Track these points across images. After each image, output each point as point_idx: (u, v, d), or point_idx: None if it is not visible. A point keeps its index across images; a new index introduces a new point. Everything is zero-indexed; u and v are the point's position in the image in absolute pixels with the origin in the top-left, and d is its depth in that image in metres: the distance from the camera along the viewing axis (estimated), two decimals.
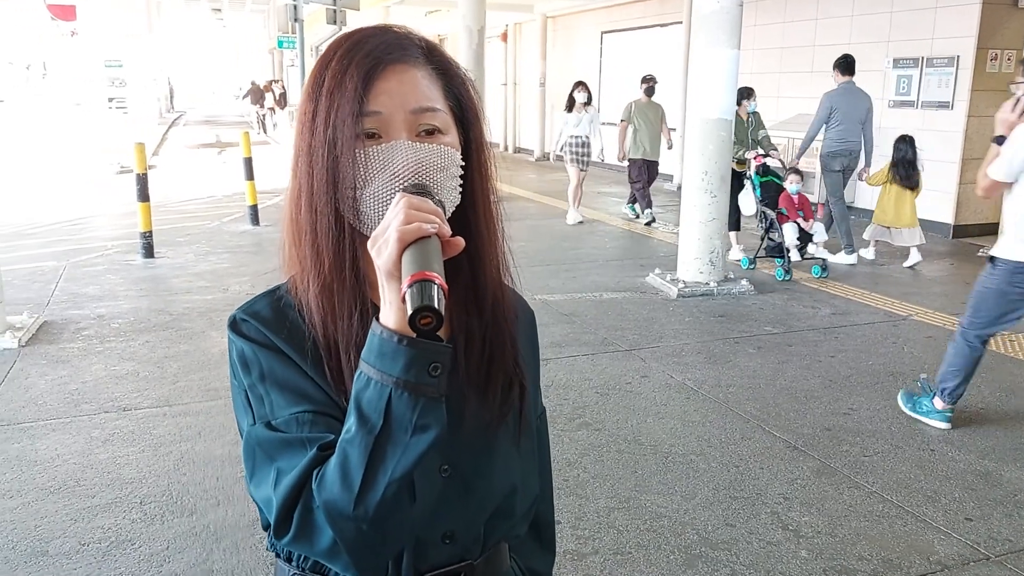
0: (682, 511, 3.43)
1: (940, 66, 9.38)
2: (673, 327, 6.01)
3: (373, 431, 0.87)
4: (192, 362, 5.16)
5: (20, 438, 4.06)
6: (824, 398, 4.67)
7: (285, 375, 0.99)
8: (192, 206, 11.59)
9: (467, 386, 1.05)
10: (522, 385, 1.10)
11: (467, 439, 1.04)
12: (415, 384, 0.86)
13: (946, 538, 3.25)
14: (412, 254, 0.85)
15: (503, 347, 1.09)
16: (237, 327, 1.03)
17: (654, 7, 14.88)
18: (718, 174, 6.86)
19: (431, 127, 0.99)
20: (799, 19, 11.45)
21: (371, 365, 0.88)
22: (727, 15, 6.64)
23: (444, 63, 1.04)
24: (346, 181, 0.96)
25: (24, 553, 3.07)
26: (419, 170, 0.96)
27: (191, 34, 49.19)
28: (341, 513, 0.88)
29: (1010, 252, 3.96)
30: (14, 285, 6.69)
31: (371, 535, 0.89)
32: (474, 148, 1.05)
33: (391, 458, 0.87)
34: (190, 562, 3.04)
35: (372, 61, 0.97)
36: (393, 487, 0.87)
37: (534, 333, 1.24)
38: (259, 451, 0.97)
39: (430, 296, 0.82)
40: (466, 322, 1.06)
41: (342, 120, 0.96)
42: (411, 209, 0.87)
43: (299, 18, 12.29)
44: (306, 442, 0.93)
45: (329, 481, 0.89)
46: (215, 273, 7.50)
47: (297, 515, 0.91)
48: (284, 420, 0.96)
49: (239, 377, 1.02)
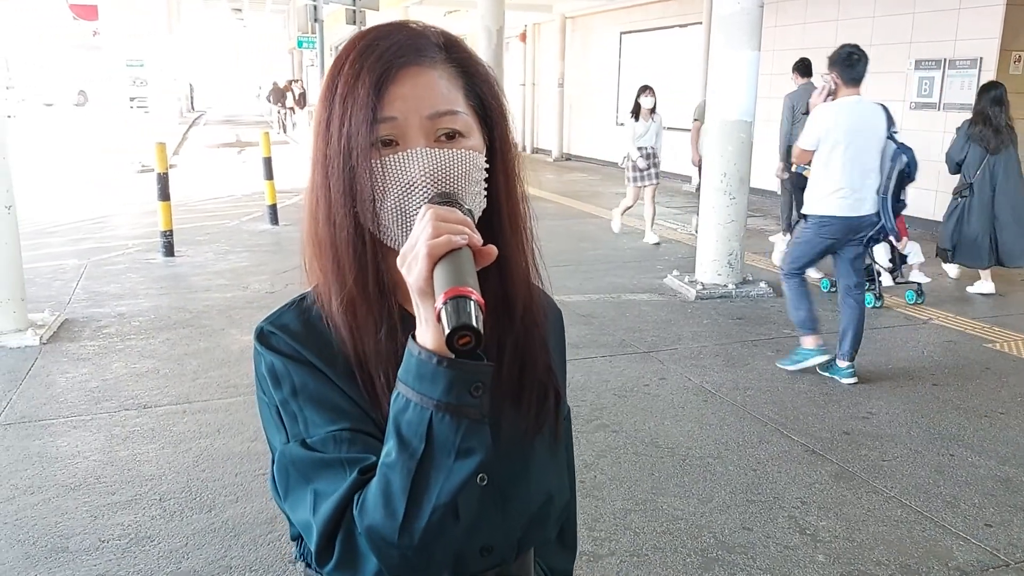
0: (699, 514, 3.42)
1: (963, 68, 9.31)
2: (691, 329, 6.00)
3: (415, 456, 0.84)
4: (212, 359, 5.19)
5: (41, 435, 4.10)
6: (843, 402, 4.64)
7: (319, 390, 0.95)
8: (212, 205, 11.66)
9: (501, 395, 1.01)
10: (557, 392, 1.08)
11: (503, 449, 1.00)
12: (457, 406, 0.83)
13: (965, 544, 3.22)
14: (444, 269, 0.81)
15: (535, 354, 1.05)
16: (265, 340, 0.99)
17: (673, 8, 14.84)
18: (737, 176, 6.83)
19: (451, 131, 0.94)
20: (820, 20, 11.39)
21: (409, 387, 0.85)
22: (747, 16, 6.62)
23: (465, 60, 0.99)
24: (364, 192, 0.93)
25: (45, 549, 3.10)
26: (439, 178, 0.92)
27: (211, 34, 49.49)
28: (385, 540, 0.85)
29: (815, 209, 4.87)
30: (36, 283, 6.76)
31: (416, 560, 0.86)
32: (499, 148, 1.00)
33: (435, 483, 0.84)
34: (208, 558, 3.06)
35: (384, 65, 0.93)
36: (439, 512, 0.84)
37: (562, 333, 1.21)
38: (293, 471, 0.93)
39: (467, 314, 0.78)
40: (497, 330, 1.02)
41: (356, 128, 0.92)
42: (438, 221, 0.83)
43: (319, 18, 12.35)
44: (345, 463, 0.90)
45: (371, 507, 0.86)
46: (234, 271, 7.55)
47: (339, 542, 0.88)
48: (320, 439, 0.92)
49: (269, 392, 0.98)
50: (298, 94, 27.91)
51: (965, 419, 4.42)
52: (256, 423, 4.21)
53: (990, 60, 9.02)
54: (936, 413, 4.50)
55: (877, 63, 9.41)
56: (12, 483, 3.61)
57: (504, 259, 0.98)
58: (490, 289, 0.98)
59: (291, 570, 3.00)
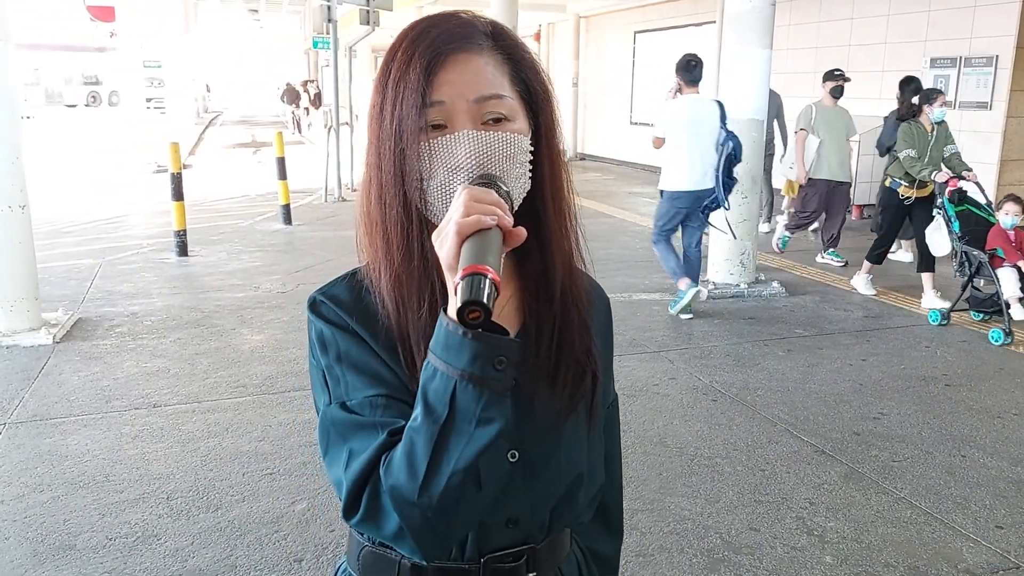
0: (706, 514, 3.40)
1: (979, 66, 9.23)
2: (702, 329, 5.97)
3: (438, 421, 0.88)
4: (222, 359, 5.21)
5: (52, 433, 4.13)
6: (854, 402, 4.61)
7: (361, 358, 1.01)
8: (226, 205, 11.72)
9: (537, 374, 1.05)
10: (595, 375, 1.10)
11: (536, 427, 1.05)
12: (480, 377, 0.87)
13: (975, 546, 3.19)
14: (469, 247, 0.85)
15: (573, 335, 1.08)
16: (316, 308, 1.05)
17: (687, 6, 14.79)
18: (749, 175, 6.79)
19: (497, 115, 0.98)
20: (834, 18, 11.32)
21: (438, 356, 0.89)
22: (759, 14, 6.59)
23: (511, 48, 1.03)
24: (413, 173, 0.97)
25: (53, 546, 3.12)
26: (484, 160, 0.96)
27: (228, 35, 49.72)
28: (406, 500, 0.90)
29: (666, 185, 6.17)
30: (50, 282, 6.81)
31: (436, 522, 0.91)
32: (544, 132, 1.04)
33: (455, 448, 0.88)
34: (214, 557, 3.07)
35: (434, 51, 0.97)
36: (457, 477, 0.88)
37: (609, 321, 1.24)
38: (333, 431, 0.99)
39: (479, 290, 0.82)
40: (536, 309, 1.06)
41: (407, 112, 0.97)
42: (471, 201, 0.88)
43: (333, 18, 12.33)
44: (378, 426, 0.96)
45: (396, 468, 0.90)
46: (247, 271, 7.58)
47: (365, 498, 0.93)
48: (359, 402, 0.99)
49: (317, 357, 1.04)
50: (313, 94, 28.01)
51: (978, 420, 4.38)
52: (263, 423, 4.25)
53: (1006, 58, 8.93)
54: (948, 414, 4.46)
55: (892, 61, 9.38)
56: (22, 481, 3.64)
57: (546, 241, 1.04)
58: (531, 268, 1.06)
59: (296, 569, 3.01)
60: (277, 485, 3.61)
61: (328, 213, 10.98)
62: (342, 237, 9.38)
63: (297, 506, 3.43)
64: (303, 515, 3.36)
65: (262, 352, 5.35)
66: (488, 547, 1.06)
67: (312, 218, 10.51)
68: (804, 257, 8.31)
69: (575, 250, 1.10)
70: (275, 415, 4.34)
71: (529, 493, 1.05)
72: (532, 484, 1.05)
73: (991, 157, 9.18)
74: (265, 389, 4.72)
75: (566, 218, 1.08)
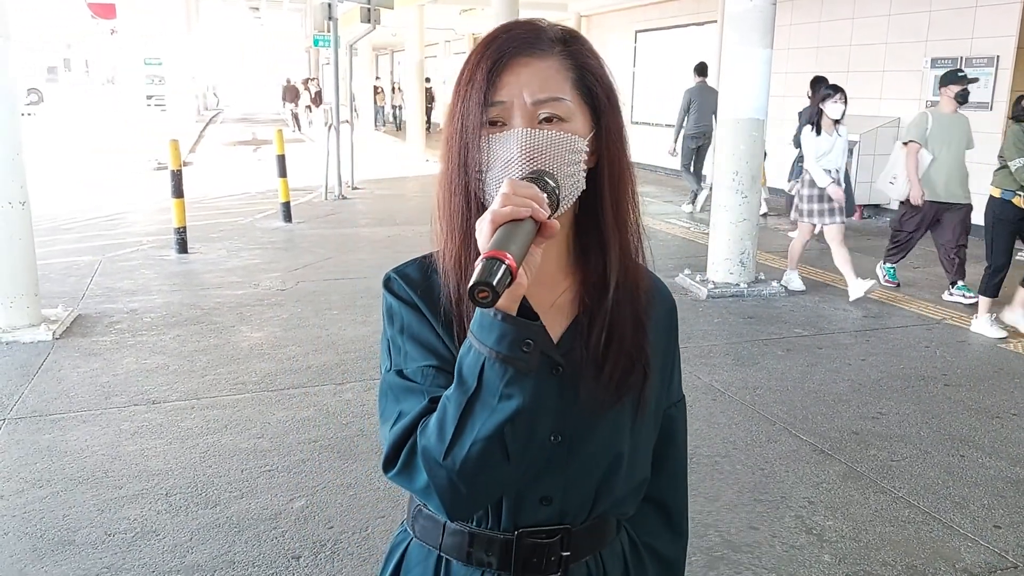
0: (705, 512, 3.40)
1: (979, 66, 9.22)
2: (701, 328, 5.97)
3: (468, 392, 0.96)
4: (221, 356, 5.21)
5: (51, 429, 4.13)
6: (853, 402, 4.61)
7: (420, 331, 1.11)
8: (226, 202, 11.71)
9: (587, 363, 1.11)
10: (644, 370, 1.14)
11: (580, 413, 1.11)
12: (507, 356, 0.94)
13: (973, 545, 3.19)
14: (498, 234, 0.91)
15: (625, 330, 1.13)
16: (388, 284, 1.15)
17: (689, 6, 14.79)
18: (749, 174, 6.80)
19: (551, 115, 1.05)
20: (835, 18, 11.32)
21: (473, 334, 0.97)
22: (760, 14, 6.58)
23: (578, 54, 1.10)
24: (473, 165, 1.06)
25: (52, 542, 3.12)
26: (535, 155, 1.03)
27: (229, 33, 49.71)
28: (434, 460, 0.98)
29: None
30: (50, 279, 6.81)
31: (458, 484, 0.98)
32: (606, 135, 1.10)
33: (479, 418, 0.96)
34: (212, 553, 3.07)
35: (498, 54, 1.06)
36: (479, 445, 0.96)
37: (673, 322, 1.27)
38: (390, 393, 1.09)
39: (491, 272, 0.87)
40: (590, 303, 1.13)
41: (471, 110, 1.05)
42: (509, 193, 0.94)
43: (333, 16, 12.33)
44: (424, 392, 1.05)
45: (429, 430, 1.00)
46: (246, 269, 7.58)
47: (403, 454, 1.03)
48: (413, 370, 1.09)
49: (385, 327, 1.15)
50: (314, 92, 28.01)
51: (976, 420, 4.38)
52: (262, 420, 4.25)
53: (1007, 58, 8.93)
54: (947, 414, 4.46)
55: (893, 61, 9.38)
56: (22, 476, 3.64)
57: (605, 239, 1.12)
58: (591, 264, 1.14)
59: (293, 566, 3.01)
60: (276, 482, 3.61)
61: (328, 211, 10.98)
62: (342, 235, 9.38)
63: (295, 503, 3.43)
64: (301, 512, 3.36)
65: (261, 349, 5.35)
66: (523, 521, 1.12)
67: (312, 216, 10.51)
68: (805, 257, 8.31)
69: (635, 249, 1.17)
70: (274, 412, 4.34)
71: (563, 474, 1.12)
72: (567, 465, 1.11)
73: (991, 158, 9.17)
74: (264, 386, 4.72)
75: (628, 218, 1.15)
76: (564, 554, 1.14)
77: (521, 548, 1.12)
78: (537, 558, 1.13)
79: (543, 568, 1.14)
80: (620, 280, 1.13)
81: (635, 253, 1.17)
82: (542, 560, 1.13)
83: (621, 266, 1.14)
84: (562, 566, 1.14)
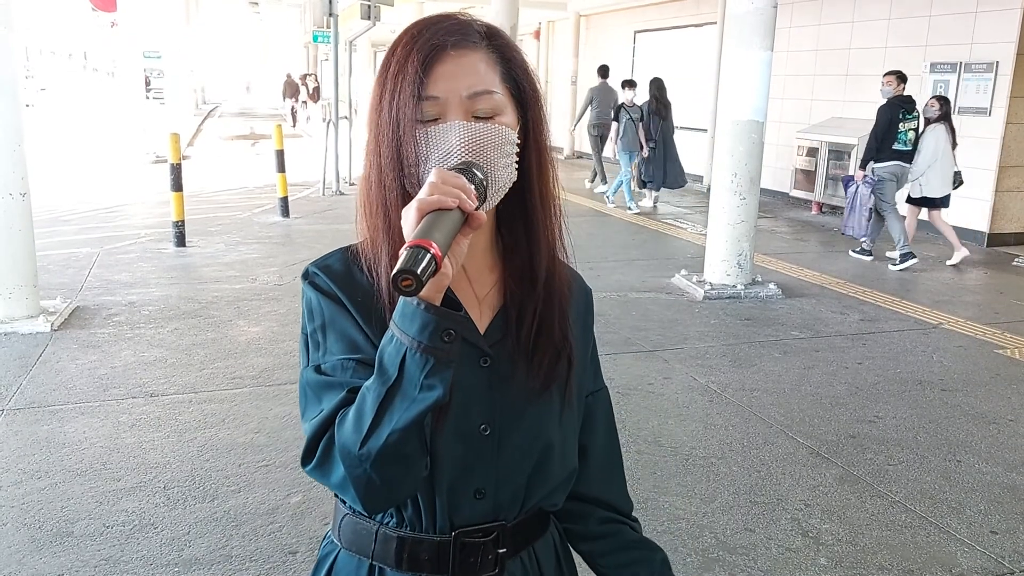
0: (701, 514, 3.41)
1: (979, 71, 9.24)
2: (698, 329, 5.98)
3: (387, 382, 0.94)
4: (219, 350, 5.21)
5: (49, 420, 4.12)
6: (850, 405, 4.62)
7: (342, 325, 1.08)
8: (224, 196, 11.70)
9: (516, 354, 1.12)
10: (570, 359, 1.16)
11: (510, 403, 1.12)
12: (428, 346, 0.92)
13: (970, 551, 3.21)
14: (423, 223, 0.90)
15: (552, 320, 1.14)
16: (309, 277, 1.13)
17: (688, 7, 14.79)
18: (747, 176, 6.81)
19: (487, 109, 1.04)
20: (835, 21, 11.33)
21: (396, 324, 0.94)
22: (761, 16, 6.59)
23: (503, 47, 1.09)
24: (409, 159, 1.04)
25: (50, 533, 3.12)
26: (471, 148, 1.02)
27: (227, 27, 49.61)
28: (349, 452, 0.96)
29: None
30: (49, 270, 6.80)
31: (373, 475, 0.96)
32: (532, 128, 1.11)
33: (398, 409, 0.93)
34: (210, 547, 3.07)
35: (431, 47, 1.04)
36: (395, 435, 0.94)
37: (589, 311, 1.28)
38: (309, 391, 1.07)
39: (415, 261, 0.86)
40: (519, 295, 1.13)
41: (404, 103, 1.03)
42: (436, 182, 0.93)
43: (334, 12, 12.30)
44: (344, 386, 1.02)
45: (347, 421, 0.97)
46: (244, 263, 7.57)
47: (320, 448, 1.00)
48: (331, 365, 1.06)
49: (304, 323, 1.12)
50: (312, 88, 27.96)
51: (973, 425, 4.40)
52: (259, 415, 4.24)
53: (1007, 64, 8.95)
54: (944, 419, 4.47)
55: (892, 65, 9.39)
56: (20, 467, 3.64)
57: (532, 231, 1.12)
58: (518, 255, 1.14)
59: (290, 561, 3.02)
60: (272, 477, 3.61)
61: (326, 207, 10.97)
62: (339, 231, 9.37)
63: (292, 499, 3.43)
64: (298, 508, 3.37)
65: (258, 344, 5.35)
66: (459, 521, 1.11)
67: (309, 211, 10.50)
68: (802, 259, 8.33)
69: (558, 241, 1.17)
70: (271, 407, 4.34)
71: (494, 465, 1.11)
72: (498, 456, 1.11)
73: (989, 163, 9.21)
74: (261, 381, 4.72)
75: (551, 210, 1.15)
76: (500, 551, 1.14)
77: (458, 548, 1.11)
78: (474, 557, 1.12)
79: (480, 567, 1.13)
80: (547, 271, 1.14)
81: (558, 245, 1.17)
82: (479, 559, 1.13)
83: (547, 256, 1.14)
84: (498, 563, 1.14)
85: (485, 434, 1.10)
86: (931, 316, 6.43)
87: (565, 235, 1.19)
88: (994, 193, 9.22)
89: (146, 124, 15.74)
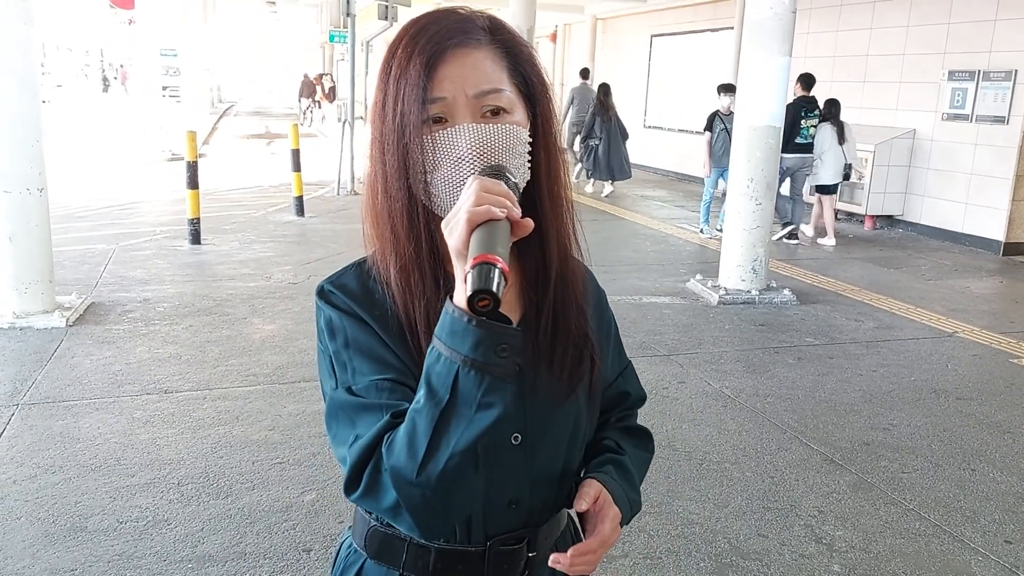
0: (714, 519, 3.40)
1: (997, 80, 9.18)
2: (712, 334, 5.97)
3: (440, 404, 0.90)
4: (233, 347, 5.23)
5: (64, 415, 4.15)
6: (864, 412, 4.60)
7: (368, 344, 1.03)
8: (240, 195, 11.74)
9: (537, 359, 1.09)
10: (592, 358, 1.13)
11: (537, 409, 1.09)
12: (483, 363, 0.88)
13: (984, 560, 3.19)
14: (479, 236, 0.87)
15: (569, 320, 1.12)
16: (325, 296, 1.08)
17: (706, 12, 14.77)
18: (764, 181, 6.79)
19: (495, 107, 1.01)
20: (853, 28, 11.28)
21: (442, 342, 0.90)
22: (779, 22, 6.57)
23: (508, 42, 1.05)
24: (417, 166, 1.00)
25: (64, 528, 3.14)
26: (485, 151, 0.98)
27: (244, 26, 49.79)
28: (405, 479, 0.92)
29: None
30: (65, 266, 6.84)
31: (433, 501, 0.93)
32: (541, 124, 1.07)
33: (455, 431, 0.90)
34: (223, 544, 3.08)
35: (434, 47, 0.99)
36: (455, 459, 0.90)
37: (603, 304, 1.27)
38: (341, 414, 1.02)
39: (488, 279, 0.83)
40: (534, 297, 1.10)
41: (409, 107, 0.99)
42: (482, 192, 0.89)
43: (351, 12, 12.34)
44: (383, 407, 0.98)
45: (397, 447, 0.93)
46: (259, 261, 7.60)
47: (366, 475, 0.96)
48: (364, 386, 1.01)
49: (325, 343, 1.07)
50: (328, 88, 28.04)
51: (988, 434, 4.37)
52: (273, 412, 4.25)
53: None
54: (959, 427, 4.45)
55: (910, 72, 9.35)
56: (35, 462, 3.66)
57: (543, 230, 1.07)
58: (530, 256, 1.09)
59: (304, 559, 3.02)
60: (287, 475, 3.62)
61: (340, 206, 10.99)
62: (353, 230, 9.35)
63: (306, 496, 3.44)
64: (312, 505, 3.37)
65: (273, 342, 5.37)
66: (494, 530, 1.10)
67: (324, 211, 10.53)
68: (816, 265, 8.30)
69: (570, 238, 1.13)
70: (285, 405, 4.35)
71: (527, 474, 1.10)
72: (531, 464, 1.10)
73: (1006, 172, 9.15)
74: (276, 379, 4.73)
75: (562, 207, 1.11)
76: (530, 555, 1.13)
77: (491, 557, 1.10)
78: (507, 564, 1.11)
79: (510, 571, 1.12)
80: (560, 270, 1.11)
81: (571, 242, 1.14)
82: (512, 566, 1.12)
83: (559, 256, 1.11)
84: (528, 567, 1.14)
85: (516, 444, 1.08)
86: (946, 324, 6.39)
87: (578, 230, 1.16)
88: (1011, 202, 9.15)
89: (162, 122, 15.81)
